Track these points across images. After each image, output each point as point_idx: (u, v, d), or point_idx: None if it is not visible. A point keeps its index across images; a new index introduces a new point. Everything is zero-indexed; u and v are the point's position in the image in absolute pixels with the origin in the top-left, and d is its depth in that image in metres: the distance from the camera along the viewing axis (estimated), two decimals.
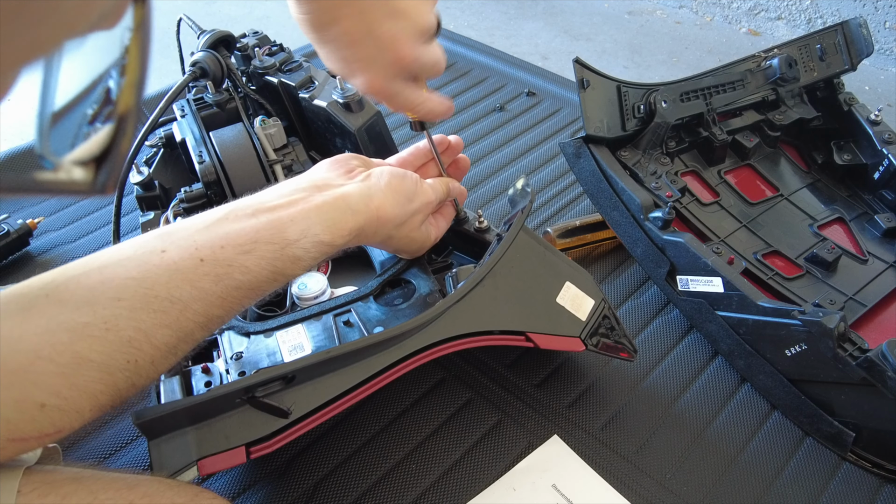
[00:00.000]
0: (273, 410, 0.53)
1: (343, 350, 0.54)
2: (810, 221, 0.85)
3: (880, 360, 0.59)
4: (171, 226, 0.49)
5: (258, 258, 0.48)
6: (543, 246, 0.66)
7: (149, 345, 0.44)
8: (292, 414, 0.53)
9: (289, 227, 0.50)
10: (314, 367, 0.53)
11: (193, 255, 0.46)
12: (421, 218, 0.62)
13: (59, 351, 0.40)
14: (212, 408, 0.52)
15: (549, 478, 0.64)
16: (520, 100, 1.18)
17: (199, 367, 0.59)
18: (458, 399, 0.71)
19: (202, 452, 0.51)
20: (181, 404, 0.50)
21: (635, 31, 1.98)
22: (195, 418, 0.52)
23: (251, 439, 0.52)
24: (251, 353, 0.60)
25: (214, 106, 0.83)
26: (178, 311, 0.45)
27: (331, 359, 0.53)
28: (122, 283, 0.43)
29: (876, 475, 0.65)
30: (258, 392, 0.52)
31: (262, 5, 2.06)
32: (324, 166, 0.59)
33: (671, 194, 0.79)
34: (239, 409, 0.53)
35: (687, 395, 0.72)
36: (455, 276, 0.64)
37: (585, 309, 0.65)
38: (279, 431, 0.53)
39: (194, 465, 0.51)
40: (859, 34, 0.94)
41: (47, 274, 0.44)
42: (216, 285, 0.46)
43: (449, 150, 0.70)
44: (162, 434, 0.51)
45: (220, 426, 0.52)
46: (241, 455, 0.52)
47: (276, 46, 0.90)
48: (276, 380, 0.52)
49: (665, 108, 0.83)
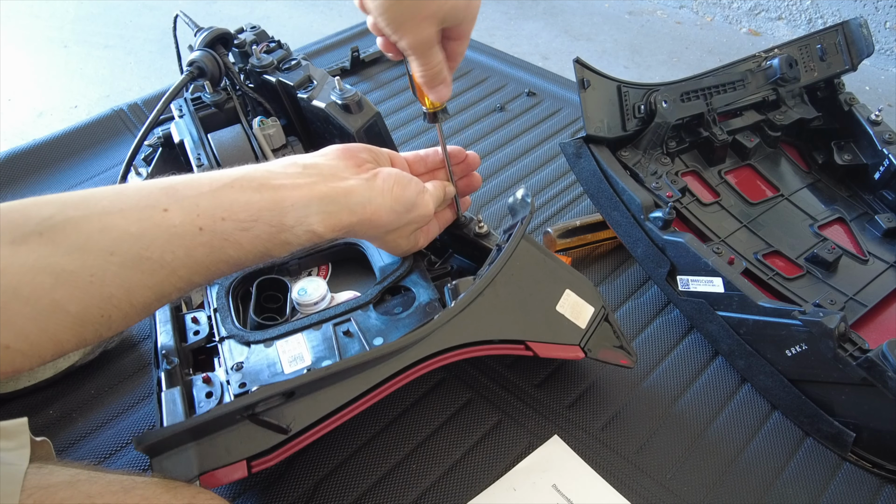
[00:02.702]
0: (273, 427, 0.53)
1: (343, 366, 0.54)
2: (811, 221, 0.85)
3: (881, 360, 0.59)
4: (177, 179, 0.48)
5: (253, 237, 0.48)
6: (543, 253, 0.66)
7: (128, 303, 0.43)
8: (292, 428, 0.53)
9: (289, 211, 0.50)
10: (314, 383, 0.54)
11: (194, 221, 0.46)
12: (413, 227, 0.62)
13: (38, 295, 0.40)
14: (213, 425, 0.52)
15: (550, 478, 0.64)
16: (520, 100, 1.18)
17: (199, 376, 0.59)
18: (459, 399, 0.71)
19: (204, 467, 0.51)
20: (183, 426, 0.50)
21: (636, 32, 1.98)
22: (196, 435, 0.52)
23: (252, 453, 0.53)
24: (251, 364, 0.60)
25: (213, 106, 0.83)
26: (165, 274, 0.44)
27: (331, 374, 0.54)
28: (118, 237, 0.43)
29: (876, 475, 0.65)
30: (258, 408, 0.52)
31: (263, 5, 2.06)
32: (334, 154, 0.58)
33: (671, 194, 0.79)
34: (239, 424, 0.53)
35: (687, 396, 0.72)
36: (454, 288, 0.63)
37: (585, 316, 0.65)
38: (280, 445, 0.53)
39: (196, 479, 0.51)
40: (860, 34, 0.94)
41: (47, 205, 0.43)
42: (208, 256, 0.46)
43: (464, 165, 0.69)
44: (163, 452, 0.51)
45: (221, 441, 0.52)
46: (242, 469, 0.52)
47: (273, 43, 0.89)
48: (277, 396, 0.52)
49: (665, 108, 0.83)
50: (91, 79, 1.80)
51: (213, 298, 0.67)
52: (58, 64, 1.88)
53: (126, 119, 1.14)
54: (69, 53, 1.92)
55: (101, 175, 1.04)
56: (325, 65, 1.21)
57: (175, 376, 0.59)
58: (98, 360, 0.75)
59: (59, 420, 0.70)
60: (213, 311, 0.66)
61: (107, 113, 1.15)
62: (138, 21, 2.05)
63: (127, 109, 1.16)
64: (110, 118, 1.14)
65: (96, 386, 0.73)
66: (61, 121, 1.60)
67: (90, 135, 1.10)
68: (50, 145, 1.08)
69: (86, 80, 1.80)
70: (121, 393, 0.72)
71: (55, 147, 1.07)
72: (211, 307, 0.67)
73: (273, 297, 0.69)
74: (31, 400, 0.71)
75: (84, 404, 0.71)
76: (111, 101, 1.60)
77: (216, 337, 0.64)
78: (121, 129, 1.12)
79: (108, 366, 0.75)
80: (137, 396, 0.72)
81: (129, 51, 1.92)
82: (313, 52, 1.32)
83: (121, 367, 0.75)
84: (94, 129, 1.12)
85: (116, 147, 1.09)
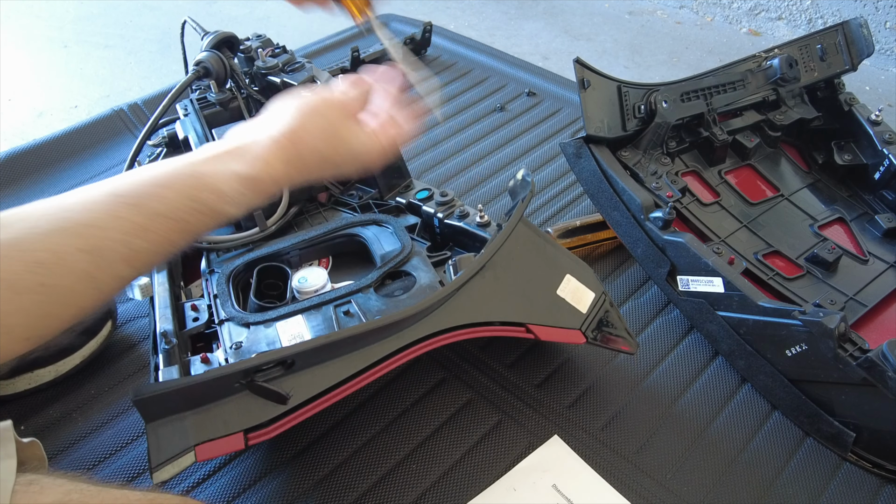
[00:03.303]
0: (272, 395, 0.52)
1: (342, 335, 0.53)
2: (811, 221, 0.85)
3: (881, 360, 0.59)
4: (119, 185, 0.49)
5: (175, 191, 0.48)
6: (544, 239, 0.66)
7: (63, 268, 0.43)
8: (291, 400, 0.53)
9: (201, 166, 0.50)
10: (314, 353, 0.53)
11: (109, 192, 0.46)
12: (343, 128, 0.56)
13: None
14: (210, 391, 0.51)
15: (550, 478, 0.64)
16: (520, 100, 1.18)
17: (198, 356, 0.59)
18: (459, 399, 0.71)
19: (200, 437, 0.51)
20: (180, 383, 0.49)
21: (636, 32, 1.98)
22: (193, 402, 0.51)
23: (250, 425, 0.52)
24: (251, 343, 0.60)
25: (217, 104, 0.84)
26: (96, 237, 0.44)
27: (331, 344, 0.53)
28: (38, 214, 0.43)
29: (876, 475, 0.64)
30: (257, 376, 0.51)
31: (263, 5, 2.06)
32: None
33: (672, 194, 0.79)
34: (238, 394, 0.52)
35: (687, 396, 0.72)
36: (455, 264, 0.64)
37: (586, 302, 0.65)
38: (278, 418, 0.53)
39: (192, 450, 0.50)
40: (860, 34, 0.94)
41: None
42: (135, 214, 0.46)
43: None
44: (159, 417, 0.50)
45: (218, 411, 0.52)
46: (239, 441, 0.52)
47: (279, 48, 0.91)
48: (276, 363, 0.52)
49: (665, 109, 0.83)
50: (91, 79, 1.80)
51: (213, 286, 0.67)
52: (58, 64, 1.88)
53: (126, 119, 1.14)
54: (69, 53, 1.92)
55: (101, 175, 1.04)
56: (325, 65, 1.21)
57: (173, 356, 0.59)
58: (98, 360, 0.75)
59: (59, 420, 0.70)
60: (212, 297, 0.66)
61: (107, 113, 1.15)
62: (138, 21, 2.05)
63: (127, 109, 1.16)
64: (110, 118, 1.14)
65: (96, 386, 0.73)
66: (61, 121, 1.60)
67: (90, 135, 1.10)
68: (50, 145, 1.08)
69: (86, 80, 1.80)
70: (121, 393, 0.72)
71: (55, 147, 1.07)
72: (211, 295, 0.67)
73: (273, 284, 0.69)
74: (32, 400, 0.71)
75: (84, 404, 0.71)
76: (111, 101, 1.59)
77: (216, 321, 0.64)
78: (121, 129, 1.12)
79: (108, 366, 0.75)
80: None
81: (129, 51, 1.92)
82: (313, 53, 1.32)
83: (121, 367, 0.75)
84: (94, 129, 1.12)
85: (116, 147, 1.09)
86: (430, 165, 1.04)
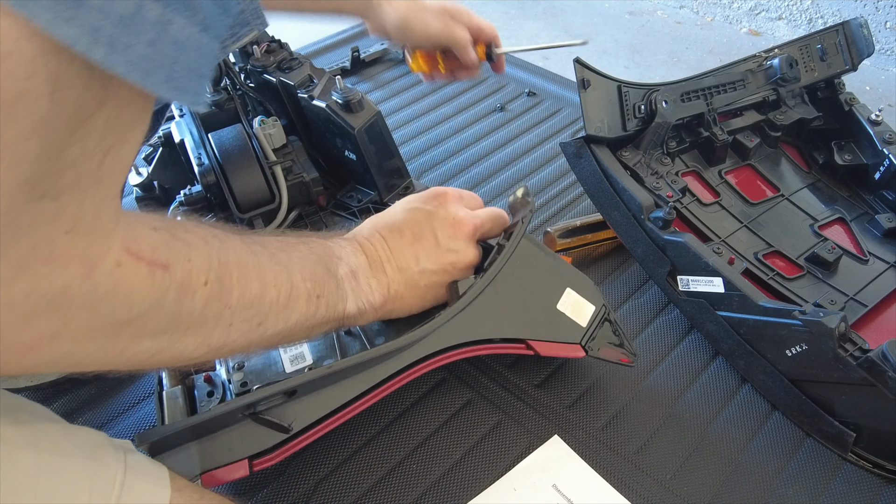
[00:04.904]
0: (274, 426, 0.53)
1: (344, 365, 0.54)
2: (811, 221, 0.85)
3: (881, 360, 0.59)
4: None
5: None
6: (544, 251, 0.66)
7: None
8: (294, 427, 0.53)
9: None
10: (317, 381, 0.54)
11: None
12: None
13: None
14: (214, 424, 0.52)
15: (550, 478, 0.64)
16: (520, 100, 1.18)
17: (201, 375, 0.59)
18: (459, 399, 0.71)
19: (205, 466, 0.51)
20: (185, 424, 0.50)
21: (636, 32, 1.98)
22: (198, 434, 0.52)
23: (254, 452, 0.53)
24: (253, 363, 0.60)
25: (213, 106, 0.83)
26: None
27: (332, 373, 0.54)
28: None
29: (877, 476, 0.64)
30: (259, 407, 0.52)
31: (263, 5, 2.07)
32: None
33: (672, 194, 0.79)
34: (241, 422, 0.53)
35: (687, 396, 0.72)
36: (455, 287, 0.63)
37: (586, 315, 0.65)
38: (282, 444, 0.53)
39: (198, 479, 0.51)
40: (860, 34, 0.94)
41: None
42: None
43: None
44: (166, 450, 0.51)
45: (222, 439, 0.52)
46: (244, 468, 0.52)
47: (274, 43, 0.90)
48: (278, 395, 0.52)
49: (666, 108, 0.83)
50: None
51: None
52: None
53: None
54: None
55: None
56: (326, 65, 1.21)
57: (176, 375, 0.59)
58: None
59: None
60: None
61: None
62: None
63: None
64: None
65: (96, 386, 0.73)
66: None
67: None
68: None
69: None
70: (121, 393, 0.72)
71: None
72: None
73: None
74: (31, 399, 0.71)
75: (84, 404, 0.71)
76: None
77: None
78: None
79: None
80: (137, 396, 0.72)
81: None
82: (313, 52, 1.32)
83: None
84: None
85: None
86: (430, 165, 1.04)
